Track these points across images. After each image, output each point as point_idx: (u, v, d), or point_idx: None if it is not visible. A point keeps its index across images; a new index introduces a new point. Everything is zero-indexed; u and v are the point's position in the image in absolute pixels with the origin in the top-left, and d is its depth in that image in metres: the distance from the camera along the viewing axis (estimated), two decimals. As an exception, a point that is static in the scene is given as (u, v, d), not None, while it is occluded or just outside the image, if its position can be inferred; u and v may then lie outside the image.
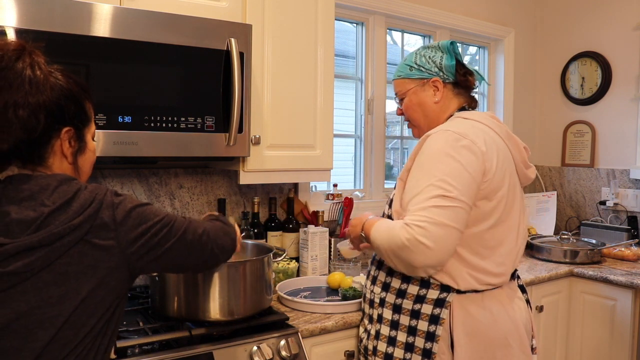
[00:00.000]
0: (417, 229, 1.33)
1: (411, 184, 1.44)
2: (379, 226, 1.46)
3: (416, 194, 1.39)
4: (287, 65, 1.98)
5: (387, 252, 1.40)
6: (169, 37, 1.61)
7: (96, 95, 1.51)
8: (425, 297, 1.47)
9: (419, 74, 1.62)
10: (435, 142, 1.45)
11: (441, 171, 1.39)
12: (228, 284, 1.54)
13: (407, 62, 1.65)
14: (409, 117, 1.67)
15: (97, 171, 1.93)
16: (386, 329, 1.53)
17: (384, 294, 1.55)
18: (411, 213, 1.37)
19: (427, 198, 1.36)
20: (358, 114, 2.80)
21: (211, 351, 1.47)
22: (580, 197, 3.29)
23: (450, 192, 1.35)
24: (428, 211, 1.34)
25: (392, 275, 1.53)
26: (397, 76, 1.68)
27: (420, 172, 1.43)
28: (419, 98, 1.62)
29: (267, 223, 2.27)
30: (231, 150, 1.75)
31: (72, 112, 1.07)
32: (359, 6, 2.64)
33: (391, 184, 3.03)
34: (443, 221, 1.33)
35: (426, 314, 1.46)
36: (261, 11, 1.90)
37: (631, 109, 3.06)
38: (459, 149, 1.41)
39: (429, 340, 1.45)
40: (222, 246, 1.23)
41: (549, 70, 3.47)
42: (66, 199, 1.00)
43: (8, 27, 1.37)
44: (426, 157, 1.44)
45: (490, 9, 3.23)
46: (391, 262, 1.43)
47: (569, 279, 2.52)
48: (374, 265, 1.63)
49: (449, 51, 1.60)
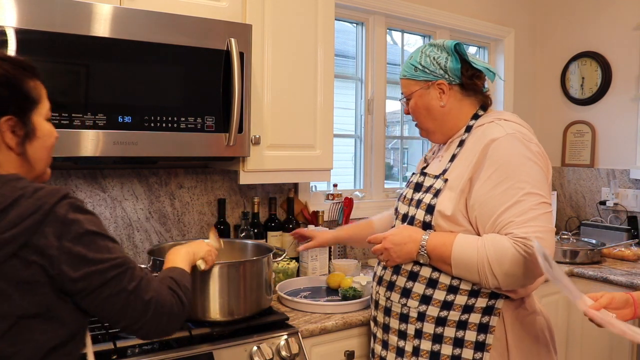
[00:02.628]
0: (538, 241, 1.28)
1: (495, 194, 1.35)
2: (465, 242, 1.36)
3: (512, 204, 1.32)
4: (287, 65, 1.98)
5: (489, 269, 1.32)
6: (169, 37, 1.61)
7: (96, 95, 1.52)
8: (474, 306, 1.41)
9: (423, 75, 1.53)
10: (507, 148, 1.38)
11: (531, 177, 1.35)
12: (228, 284, 1.54)
13: (412, 61, 1.56)
14: (416, 118, 1.60)
15: (97, 171, 1.93)
16: (427, 343, 1.43)
17: (424, 307, 1.43)
18: (519, 225, 1.30)
19: (531, 207, 1.32)
20: (358, 114, 2.80)
21: (211, 351, 1.47)
22: (580, 197, 3.29)
23: (546, 198, 1.35)
24: (539, 221, 1.31)
25: (434, 287, 1.43)
26: (402, 76, 1.59)
27: (507, 181, 1.34)
28: (424, 101, 1.54)
29: (267, 223, 2.27)
30: (231, 150, 1.75)
31: (8, 98, 0.95)
32: (359, 6, 2.64)
33: (391, 184, 3.03)
34: (551, 227, 1.34)
35: (474, 324, 1.41)
36: (261, 11, 1.90)
37: (631, 109, 3.06)
38: (534, 153, 1.39)
39: (479, 350, 1.40)
40: (168, 318, 1.04)
41: (549, 70, 3.46)
42: (3, 206, 0.86)
43: (8, 27, 1.38)
44: (506, 164, 1.36)
45: (490, 9, 3.23)
46: (490, 279, 1.34)
47: (569, 279, 2.52)
48: (401, 276, 1.48)
49: (453, 53, 1.51)
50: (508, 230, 1.32)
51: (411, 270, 1.47)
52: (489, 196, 1.36)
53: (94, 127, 1.51)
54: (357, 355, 1.77)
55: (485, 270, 1.33)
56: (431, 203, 1.44)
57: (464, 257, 1.35)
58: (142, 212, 2.03)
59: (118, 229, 1.98)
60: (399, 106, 3.03)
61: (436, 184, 1.47)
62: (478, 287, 1.40)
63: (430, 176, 1.52)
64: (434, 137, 1.61)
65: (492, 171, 1.37)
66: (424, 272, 1.45)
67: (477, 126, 1.49)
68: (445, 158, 1.54)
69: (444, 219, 1.41)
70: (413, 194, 1.54)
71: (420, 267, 1.45)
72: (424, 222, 1.45)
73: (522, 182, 1.34)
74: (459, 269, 1.38)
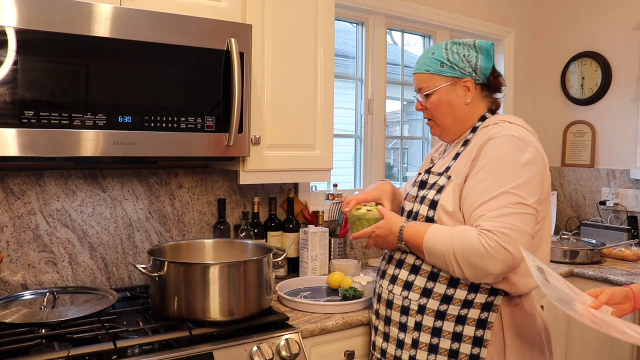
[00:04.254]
0: (501, 236, 1.31)
1: (477, 188, 1.39)
2: (436, 232, 1.41)
3: (488, 199, 1.36)
4: (287, 65, 1.98)
5: (454, 258, 1.36)
6: (169, 37, 1.61)
7: (96, 95, 1.51)
8: (473, 301, 1.43)
9: (450, 72, 1.53)
10: (500, 147, 1.41)
11: (514, 178, 1.36)
12: (228, 284, 1.54)
13: (437, 57, 1.54)
14: (433, 115, 1.58)
15: (97, 171, 1.93)
16: (426, 336, 1.46)
17: (424, 300, 1.46)
18: (488, 219, 1.33)
19: (505, 205, 1.34)
20: (358, 114, 2.80)
21: (211, 351, 1.47)
22: (580, 197, 3.29)
23: (526, 199, 1.36)
24: (509, 218, 1.33)
25: (435, 281, 1.46)
26: (424, 70, 1.56)
27: (490, 178, 1.38)
28: (448, 97, 1.54)
29: (267, 223, 2.27)
30: (231, 150, 1.75)
31: None
32: (359, 6, 2.64)
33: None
34: (524, 228, 1.34)
35: (472, 319, 1.43)
36: (261, 11, 1.90)
37: (631, 109, 3.06)
38: (527, 156, 1.40)
39: (477, 345, 1.42)
40: None
41: (549, 70, 3.46)
42: None
43: (8, 27, 1.38)
44: (494, 162, 1.40)
45: (490, 9, 3.23)
46: (455, 268, 1.38)
47: (569, 279, 2.52)
48: (403, 269, 1.53)
49: (488, 53, 1.54)
50: (477, 223, 1.36)
51: (413, 264, 1.51)
52: (472, 190, 1.41)
53: (94, 127, 1.51)
54: (357, 355, 1.77)
55: (450, 259, 1.38)
56: (434, 199, 1.49)
57: (434, 245, 1.41)
58: (142, 212, 2.03)
59: (118, 229, 1.98)
60: (399, 106, 3.03)
61: (439, 181, 1.51)
62: (477, 282, 1.42)
63: (434, 174, 1.57)
64: (448, 136, 1.61)
65: (480, 167, 1.41)
66: (425, 265, 1.48)
67: (482, 127, 1.52)
68: (449, 156, 1.58)
69: (446, 214, 1.45)
70: (418, 191, 1.59)
71: (422, 261, 1.49)
72: (427, 216, 1.50)
73: (504, 181, 1.37)
74: (430, 256, 1.44)
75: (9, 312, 1.54)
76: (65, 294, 1.73)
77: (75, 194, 1.89)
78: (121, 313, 1.68)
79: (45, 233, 1.84)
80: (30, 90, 1.41)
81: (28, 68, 1.41)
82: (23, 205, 1.81)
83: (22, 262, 1.81)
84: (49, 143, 1.45)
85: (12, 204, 1.79)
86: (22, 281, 1.82)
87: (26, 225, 1.81)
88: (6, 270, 1.79)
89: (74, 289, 1.78)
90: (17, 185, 1.80)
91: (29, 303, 1.64)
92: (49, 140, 1.44)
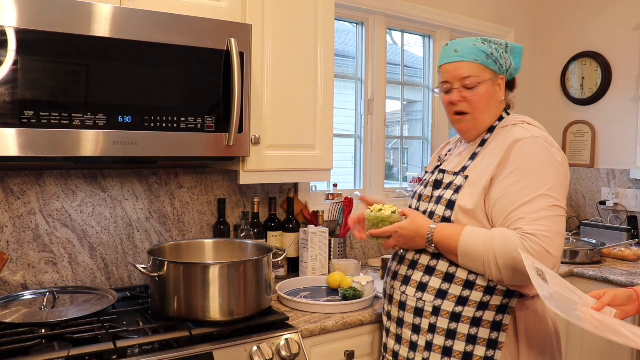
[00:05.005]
0: (544, 240, 1.31)
1: (512, 190, 1.38)
2: (473, 234, 1.39)
3: (525, 202, 1.36)
4: (287, 65, 1.98)
5: (494, 262, 1.35)
6: (169, 37, 1.61)
7: (96, 95, 1.51)
8: (489, 303, 1.42)
9: (494, 66, 1.51)
10: (530, 149, 1.41)
11: (549, 181, 1.37)
12: (228, 284, 1.54)
13: (481, 48, 1.50)
14: (475, 108, 1.51)
15: (97, 171, 1.93)
16: (440, 339, 1.44)
17: (439, 301, 1.44)
18: (529, 222, 1.33)
19: (543, 208, 1.34)
20: (358, 114, 2.80)
21: (211, 351, 1.47)
22: (580, 197, 3.29)
23: (560, 201, 1.37)
24: (548, 221, 1.33)
25: (451, 282, 1.44)
26: (473, 59, 1.49)
27: (525, 181, 1.37)
28: (492, 92, 1.51)
29: (267, 223, 2.27)
30: (231, 150, 1.75)
31: None
32: (359, 6, 2.64)
33: (391, 184, 3.03)
34: (561, 230, 1.36)
35: (488, 321, 1.42)
36: (261, 11, 1.90)
37: (631, 109, 3.06)
38: (555, 158, 1.41)
39: (491, 347, 1.41)
40: None
41: (549, 70, 3.46)
42: None
43: (8, 27, 1.38)
44: (527, 164, 1.39)
45: (490, 9, 3.23)
46: (494, 272, 1.36)
47: (569, 279, 2.52)
48: (417, 270, 1.50)
49: (519, 55, 1.58)
50: (517, 226, 1.35)
51: (427, 265, 1.49)
52: (505, 192, 1.39)
53: (94, 127, 1.51)
54: (357, 355, 1.77)
55: (490, 262, 1.36)
56: (452, 199, 1.47)
57: (471, 248, 1.38)
58: (142, 212, 2.03)
59: (118, 229, 1.98)
60: (399, 106, 3.03)
61: (456, 181, 1.49)
62: (494, 284, 1.41)
63: (449, 173, 1.54)
64: (474, 132, 1.55)
65: (512, 169, 1.40)
66: (440, 266, 1.47)
67: (500, 127, 1.52)
68: (464, 156, 1.56)
69: (464, 213, 1.44)
70: (433, 191, 1.56)
71: (437, 262, 1.47)
72: (443, 217, 1.47)
73: (539, 183, 1.37)
74: (465, 259, 1.40)
75: (9, 312, 1.54)
76: (65, 294, 1.73)
77: (75, 194, 1.89)
78: (121, 313, 1.68)
79: (45, 233, 1.84)
80: (30, 90, 1.41)
81: (28, 68, 1.41)
82: (23, 205, 1.81)
83: (22, 262, 1.81)
84: (49, 143, 1.45)
85: (12, 204, 1.79)
86: (22, 281, 1.82)
87: (26, 225, 1.81)
88: (6, 270, 1.79)
89: (74, 289, 1.78)
90: (17, 185, 1.80)
91: (29, 303, 1.64)
92: (49, 140, 1.44)
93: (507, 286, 1.41)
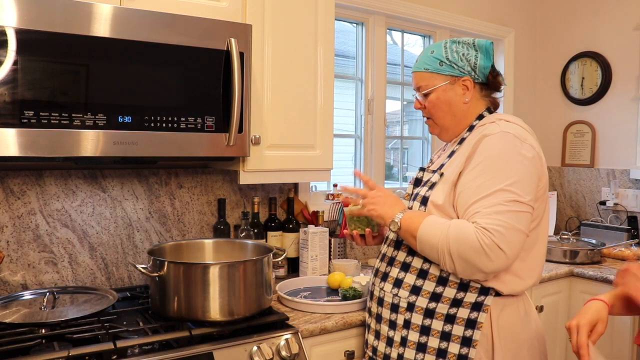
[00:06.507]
0: (496, 235, 1.30)
1: (472, 185, 1.39)
2: (432, 222, 1.40)
3: (483, 196, 1.35)
4: (287, 65, 1.98)
5: (448, 252, 1.36)
6: (169, 37, 1.61)
7: (96, 95, 1.51)
8: (463, 300, 1.42)
9: (449, 70, 1.53)
10: (495, 144, 1.40)
11: (509, 175, 1.36)
12: (228, 284, 1.54)
13: (436, 55, 1.55)
14: (432, 114, 1.58)
15: (97, 171, 1.93)
16: (415, 335, 1.45)
17: (413, 297, 1.46)
18: (483, 216, 1.33)
19: (500, 202, 1.33)
20: (358, 114, 2.80)
21: (211, 351, 1.47)
22: (580, 197, 3.29)
23: (522, 197, 1.35)
24: (503, 215, 1.32)
25: (424, 278, 1.46)
26: (423, 69, 1.56)
27: (485, 175, 1.38)
28: (447, 96, 1.54)
29: (267, 223, 2.27)
30: (231, 150, 1.75)
31: None
32: (359, 6, 2.64)
33: (391, 184, 3.03)
34: (519, 227, 1.34)
35: (462, 318, 1.42)
36: (261, 11, 1.90)
37: (631, 109, 3.06)
38: (522, 153, 1.39)
39: (465, 345, 1.41)
40: None
41: (549, 70, 3.47)
42: None
43: (8, 27, 1.38)
44: (490, 159, 1.39)
45: (490, 9, 3.23)
46: (447, 262, 1.37)
47: (569, 279, 2.52)
48: (394, 267, 1.53)
49: (487, 52, 1.54)
50: (473, 219, 1.35)
51: (404, 261, 1.51)
52: (467, 186, 1.40)
53: (94, 127, 1.51)
54: (357, 355, 1.77)
55: (444, 250, 1.37)
56: (426, 195, 1.50)
57: (429, 234, 1.40)
58: (142, 212, 2.03)
59: (118, 229, 1.98)
60: (399, 106, 3.03)
61: (432, 178, 1.52)
62: (467, 281, 1.42)
63: (428, 171, 1.58)
64: (446, 134, 1.61)
65: (476, 164, 1.41)
66: (415, 263, 1.48)
67: (479, 125, 1.52)
68: (444, 155, 1.59)
69: (435, 208, 1.46)
70: (413, 189, 1.61)
71: (412, 258, 1.49)
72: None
73: (500, 178, 1.36)
74: (422, 245, 1.42)
75: (9, 312, 1.54)
76: (65, 294, 1.73)
77: (75, 194, 1.89)
78: (121, 313, 1.68)
79: (45, 233, 1.84)
80: (30, 90, 1.41)
81: (28, 68, 1.41)
82: (23, 205, 1.81)
83: (22, 262, 1.81)
84: (49, 143, 1.45)
85: (12, 204, 1.79)
86: (22, 281, 1.82)
87: (26, 225, 1.81)
88: (6, 270, 1.79)
89: (74, 289, 1.78)
90: (17, 185, 1.80)
91: (29, 303, 1.64)
92: (49, 140, 1.44)
93: (481, 283, 1.41)
